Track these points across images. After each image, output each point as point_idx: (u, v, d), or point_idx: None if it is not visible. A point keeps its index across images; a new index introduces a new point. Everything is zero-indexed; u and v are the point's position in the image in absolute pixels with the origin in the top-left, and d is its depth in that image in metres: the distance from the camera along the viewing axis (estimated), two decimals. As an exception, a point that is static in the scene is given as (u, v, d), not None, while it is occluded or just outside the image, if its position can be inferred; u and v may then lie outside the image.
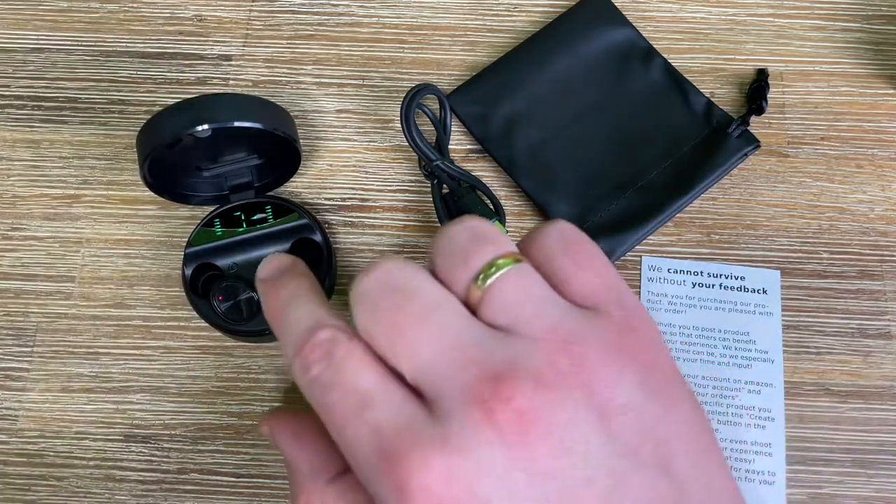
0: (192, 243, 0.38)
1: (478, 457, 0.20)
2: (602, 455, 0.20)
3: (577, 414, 0.20)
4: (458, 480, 0.19)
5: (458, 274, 0.22)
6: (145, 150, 0.35)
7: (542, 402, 0.20)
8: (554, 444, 0.20)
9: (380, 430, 0.20)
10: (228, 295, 0.37)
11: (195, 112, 0.34)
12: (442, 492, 0.19)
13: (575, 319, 0.22)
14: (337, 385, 0.22)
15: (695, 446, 0.22)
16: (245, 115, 0.35)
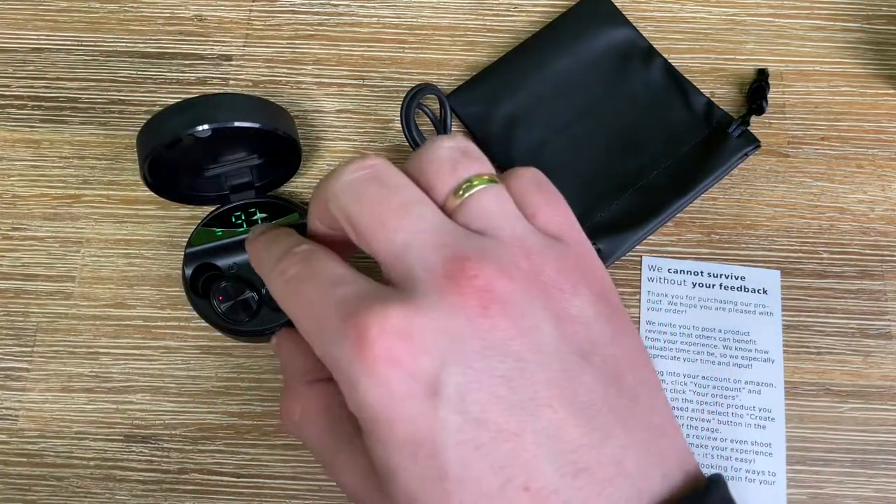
0: (192, 243, 0.38)
1: (436, 318, 0.21)
2: (556, 348, 0.22)
3: (535, 308, 0.22)
4: (415, 335, 0.20)
5: (441, 181, 0.24)
6: (145, 150, 0.35)
7: (504, 287, 0.21)
8: (512, 325, 0.21)
9: (346, 298, 0.22)
10: (228, 295, 0.37)
11: (195, 112, 0.34)
12: (398, 344, 0.20)
13: (539, 238, 0.24)
14: (312, 276, 0.23)
15: (641, 371, 0.23)
16: (245, 114, 0.35)
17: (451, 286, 0.21)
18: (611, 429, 0.21)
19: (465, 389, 0.20)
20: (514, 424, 0.20)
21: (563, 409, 0.21)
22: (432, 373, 0.20)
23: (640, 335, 0.39)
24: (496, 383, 0.20)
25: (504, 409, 0.20)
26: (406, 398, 0.20)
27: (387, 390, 0.20)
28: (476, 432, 0.20)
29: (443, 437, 0.20)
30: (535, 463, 0.20)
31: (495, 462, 0.20)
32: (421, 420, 0.20)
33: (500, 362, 0.21)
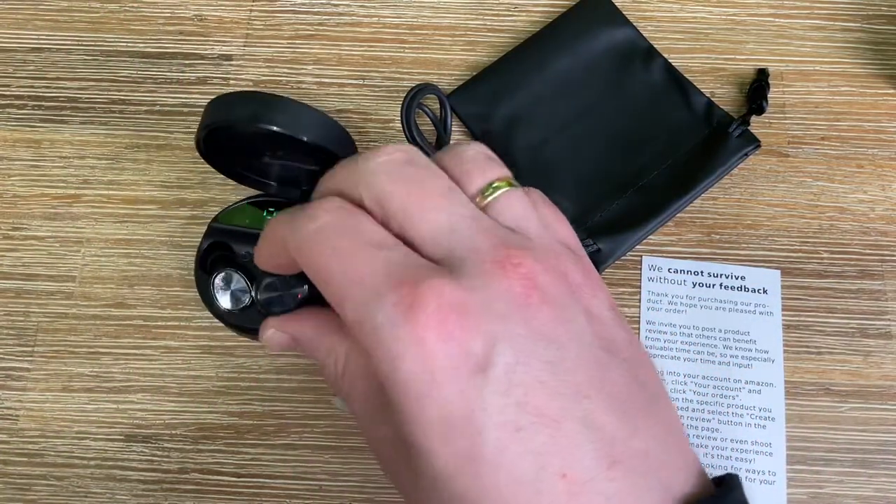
0: (219, 219, 0.38)
1: (487, 299, 0.21)
2: (590, 342, 0.22)
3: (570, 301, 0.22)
4: (470, 312, 0.20)
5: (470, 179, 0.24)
6: (212, 118, 0.35)
7: (544, 278, 0.22)
8: (553, 314, 0.21)
9: (392, 263, 0.21)
10: (225, 283, 0.37)
11: (279, 115, 0.34)
12: (454, 319, 0.20)
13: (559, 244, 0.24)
14: (349, 229, 0.22)
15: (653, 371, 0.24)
16: (324, 136, 0.35)
17: (499, 270, 0.21)
18: (638, 423, 0.21)
19: (511, 370, 0.20)
20: (554, 411, 0.20)
21: (599, 400, 0.21)
22: (483, 351, 0.20)
23: (641, 336, 0.39)
24: (541, 368, 0.20)
25: (546, 394, 0.20)
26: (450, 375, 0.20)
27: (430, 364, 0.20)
28: (517, 415, 0.20)
29: (483, 417, 0.20)
30: (573, 451, 0.20)
31: (533, 447, 0.20)
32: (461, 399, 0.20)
33: (545, 348, 0.21)
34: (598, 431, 0.20)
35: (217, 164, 0.39)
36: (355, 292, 0.21)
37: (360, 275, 0.21)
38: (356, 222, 0.23)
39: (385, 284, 0.21)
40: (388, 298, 0.20)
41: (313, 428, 0.38)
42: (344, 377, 0.25)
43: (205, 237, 0.38)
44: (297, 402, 0.38)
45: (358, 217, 0.23)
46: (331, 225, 0.23)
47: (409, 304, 0.20)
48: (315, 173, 0.40)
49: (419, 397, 0.20)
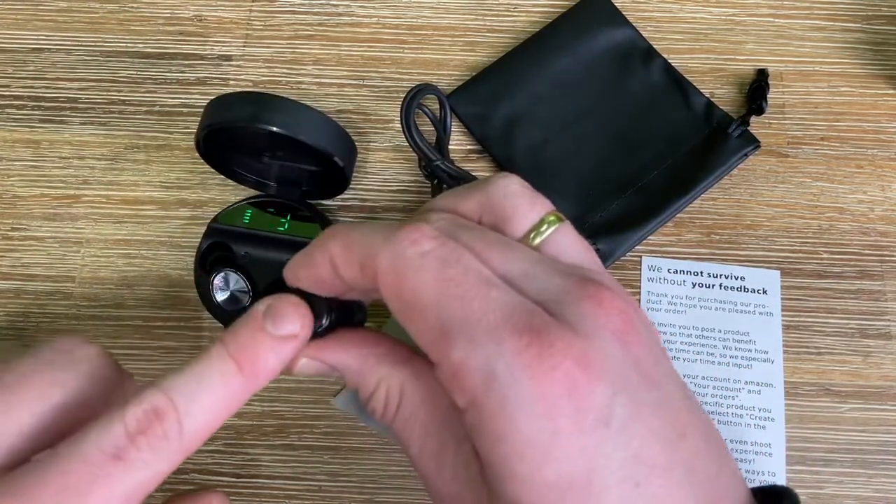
0: (218, 219, 0.39)
1: (604, 346, 0.19)
2: (674, 378, 0.21)
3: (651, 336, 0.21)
4: (594, 364, 0.19)
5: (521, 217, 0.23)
6: (211, 119, 0.35)
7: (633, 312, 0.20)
8: (648, 352, 0.20)
9: (511, 307, 0.20)
10: (226, 282, 0.37)
11: (280, 116, 0.34)
12: (578, 373, 0.19)
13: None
14: (458, 262, 0.21)
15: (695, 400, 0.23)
16: (323, 137, 0.35)
17: (598, 308, 0.20)
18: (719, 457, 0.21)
19: (629, 421, 0.19)
20: (664, 458, 0.19)
21: (692, 440, 0.20)
22: (604, 403, 0.19)
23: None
24: (650, 414, 0.19)
25: (656, 441, 0.19)
26: (573, 431, 0.18)
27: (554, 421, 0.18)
28: (635, 469, 0.19)
29: (603, 475, 0.18)
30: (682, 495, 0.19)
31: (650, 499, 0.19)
32: (582, 457, 0.18)
33: (650, 392, 0.20)
34: (697, 473, 0.20)
35: (217, 165, 0.39)
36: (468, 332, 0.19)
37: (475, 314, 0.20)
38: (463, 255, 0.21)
39: (505, 329, 0.19)
40: (509, 345, 0.19)
41: (313, 428, 0.38)
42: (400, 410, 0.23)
43: (204, 237, 0.38)
44: (296, 403, 0.38)
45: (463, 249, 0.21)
46: (437, 257, 0.21)
47: (537, 354, 0.19)
48: (314, 173, 0.40)
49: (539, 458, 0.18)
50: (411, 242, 0.21)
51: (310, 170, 0.40)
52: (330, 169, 0.38)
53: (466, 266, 0.20)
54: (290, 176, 0.40)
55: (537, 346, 0.19)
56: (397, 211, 0.42)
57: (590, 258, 0.23)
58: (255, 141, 0.38)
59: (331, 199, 0.41)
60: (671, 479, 0.19)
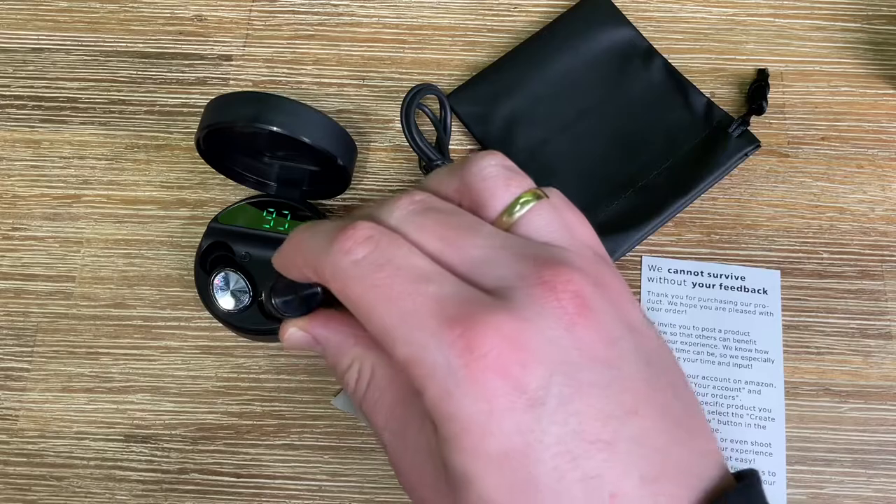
0: (219, 219, 0.39)
1: (543, 328, 0.20)
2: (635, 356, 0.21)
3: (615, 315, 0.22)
4: (527, 346, 0.20)
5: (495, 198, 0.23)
6: (211, 119, 0.35)
7: (592, 294, 0.21)
8: (602, 333, 0.21)
9: (443, 300, 0.21)
10: (224, 283, 0.37)
11: (280, 116, 0.34)
12: (510, 355, 0.20)
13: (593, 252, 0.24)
14: (389, 263, 0.21)
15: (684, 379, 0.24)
16: (323, 137, 0.35)
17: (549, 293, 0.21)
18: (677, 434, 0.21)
19: (567, 400, 0.20)
20: (608, 433, 0.20)
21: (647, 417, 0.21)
22: (541, 383, 0.20)
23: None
24: (594, 392, 0.20)
25: (599, 418, 0.20)
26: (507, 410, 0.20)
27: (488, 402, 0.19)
28: (573, 443, 0.20)
29: (540, 449, 0.20)
30: (625, 470, 0.20)
31: (588, 472, 0.20)
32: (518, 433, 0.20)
33: (598, 372, 0.20)
34: (646, 447, 0.20)
35: (216, 165, 0.39)
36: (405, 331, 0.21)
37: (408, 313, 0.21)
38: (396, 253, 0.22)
39: (438, 323, 0.20)
40: (443, 339, 0.20)
41: (313, 428, 0.38)
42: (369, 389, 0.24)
43: (205, 237, 0.38)
44: (296, 403, 0.38)
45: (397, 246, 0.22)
46: (366, 258, 0.22)
47: (466, 344, 0.20)
48: (315, 174, 0.40)
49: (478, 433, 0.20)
50: (344, 252, 0.22)
51: (310, 170, 0.40)
52: (330, 169, 0.38)
53: (398, 266, 0.21)
54: (290, 176, 0.40)
55: (468, 335, 0.20)
56: (397, 211, 0.42)
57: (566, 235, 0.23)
58: (256, 141, 0.38)
59: (331, 198, 0.41)
60: (614, 453, 0.20)
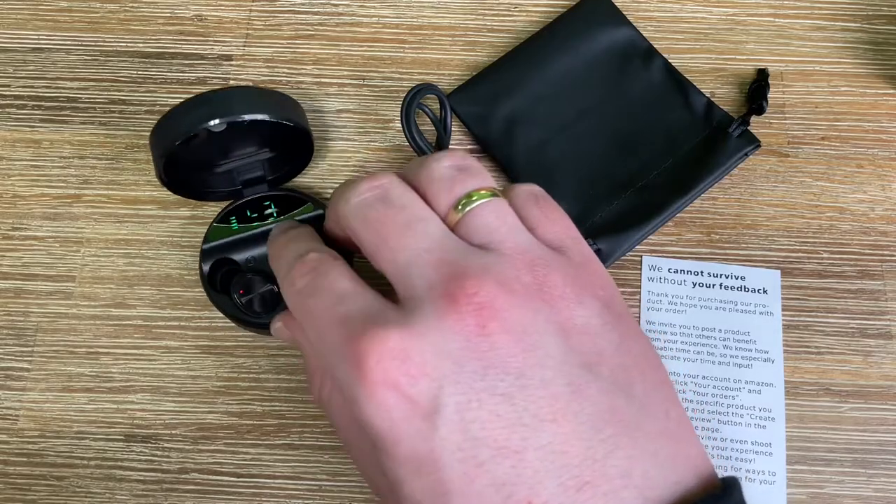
0: (208, 239, 0.38)
1: (435, 341, 0.21)
2: (562, 361, 0.21)
3: (538, 321, 0.22)
4: (413, 359, 0.21)
5: (441, 197, 0.24)
6: (160, 148, 0.35)
7: (505, 302, 0.21)
8: (514, 342, 0.21)
9: (348, 318, 0.22)
10: (249, 288, 0.37)
11: (209, 107, 0.34)
12: (396, 368, 0.21)
13: (542, 249, 0.24)
14: (318, 289, 0.24)
15: (651, 376, 0.23)
16: (259, 107, 0.35)
17: (451, 306, 0.21)
18: (618, 440, 0.21)
19: (464, 409, 0.20)
20: (515, 442, 0.20)
21: (567, 424, 0.21)
22: (431, 394, 0.20)
23: (641, 335, 0.39)
24: (497, 401, 0.20)
25: (505, 426, 0.20)
26: (405, 419, 0.20)
27: (387, 413, 0.21)
28: (476, 450, 0.20)
29: (443, 455, 0.20)
30: (538, 478, 0.20)
31: (496, 479, 0.20)
32: (421, 439, 0.20)
33: (501, 381, 0.21)
34: (565, 456, 0.20)
35: (185, 192, 0.39)
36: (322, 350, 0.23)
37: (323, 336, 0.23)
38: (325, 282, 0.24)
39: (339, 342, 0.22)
40: (342, 354, 0.22)
41: (313, 428, 0.38)
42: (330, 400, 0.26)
43: (203, 262, 0.38)
44: (297, 402, 0.38)
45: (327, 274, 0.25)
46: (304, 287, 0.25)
47: (355, 359, 0.21)
48: (274, 157, 0.40)
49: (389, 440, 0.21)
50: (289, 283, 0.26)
51: (268, 156, 0.40)
52: (286, 136, 0.38)
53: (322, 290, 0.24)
54: (252, 173, 0.40)
55: (358, 351, 0.21)
56: (397, 211, 0.42)
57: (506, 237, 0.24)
58: (207, 148, 0.38)
59: (303, 173, 0.41)
60: (523, 461, 0.20)
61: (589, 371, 0.22)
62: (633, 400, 0.22)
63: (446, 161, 0.25)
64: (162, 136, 0.35)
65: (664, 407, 0.23)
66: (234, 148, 0.39)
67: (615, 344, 0.23)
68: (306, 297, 0.24)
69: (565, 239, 0.25)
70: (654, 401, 0.23)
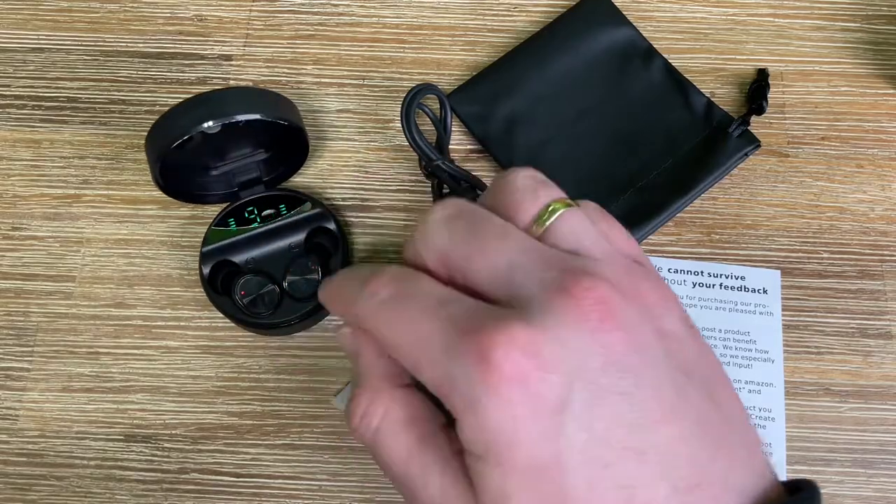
0: (207, 242, 0.38)
1: (560, 335, 0.20)
2: (665, 366, 0.21)
3: (643, 322, 0.22)
4: (544, 353, 0.20)
5: (524, 208, 0.24)
6: (156, 153, 0.35)
7: (619, 301, 0.21)
8: (628, 340, 0.21)
9: (458, 316, 0.21)
10: (250, 289, 0.37)
11: (203, 109, 0.34)
12: (525, 363, 0.20)
13: (627, 259, 0.24)
14: (409, 296, 0.23)
15: (728, 387, 0.23)
16: (253, 107, 0.35)
17: (570, 300, 0.21)
18: (717, 445, 0.21)
19: (590, 406, 0.20)
20: (636, 441, 0.20)
21: (675, 426, 0.20)
22: (559, 391, 0.20)
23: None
24: (618, 400, 0.20)
25: (627, 425, 0.20)
26: (531, 417, 0.19)
27: (510, 411, 0.19)
28: (602, 450, 0.20)
29: (568, 456, 0.19)
30: (655, 480, 0.20)
31: (620, 481, 0.20)
32: (545, 440, 0.19)
33: (621, 378, 0.20)
34: (677, 458, 0.20)
35: (182, 196, 0.39)
36: (427, 354, 0.21)
37: (427, 339, 0.21)
38: (415, 287, 0.23)
39: (453, 340, 0.21)
40: (458, 352, 0.20)
41: (313, 428, 0.38)
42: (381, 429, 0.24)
43: (203, 263, 0.38)
44: (297, 402, 0.38)
45: (417, 281, 0.23)
46: (390, 296, 0.23)
47: (479, 354, 0.20)
48: (269, 158, 0.40)
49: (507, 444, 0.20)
50: (371, 295, 0.23)
51: (263, 156, 0.40)
52: (281, 136, 0.38)
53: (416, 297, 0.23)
54: (249, 175, 0.40)
55: (482, 346, 0.20)
56: (398, 210, 0.42)
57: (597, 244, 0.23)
58: (203, 151, 0.38)
59: (299, 173, 0.41)
60: (644, 461, 0.20)
61: (686, 375, 0.22)
62: (720, 408, 0.22)
63: (523, 172, 0.25)
64: (156, 141, 0.35)
65: (743, 416, 0.23)
66: (230, 150, 0.39)
67: (698, 353, 0.23)
68: (396, 304, 0.23)
69: (635, 250, 0.25)
70: (734, 411, 0.23)
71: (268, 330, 0.38)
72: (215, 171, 0.40)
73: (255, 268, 0.38)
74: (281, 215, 0.39)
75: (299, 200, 0.39)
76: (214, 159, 0.39)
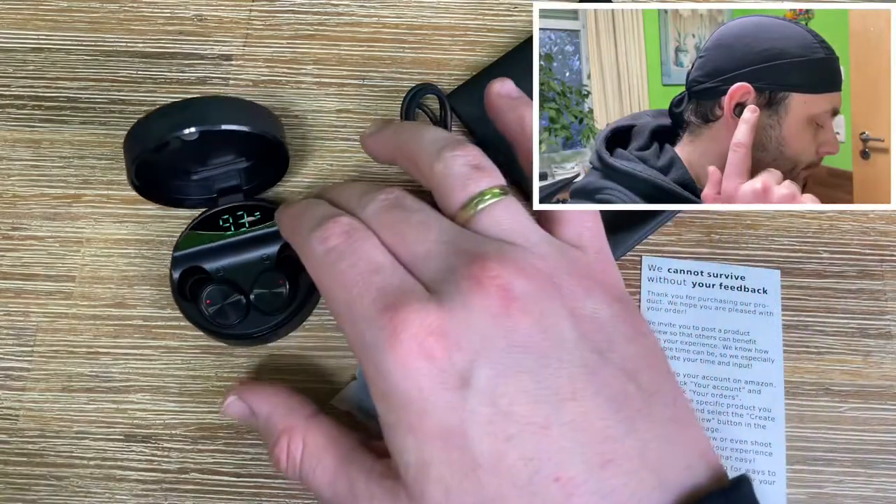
0: (179, 247, 0.38)
1: (466, 318, 0.22)
2: (575, 345, 0.23)
3: (553, 305, 0.23)
4: (449, 334, 0.22)
5: (453, 198, 0.26)
6: (132, 154, 0.35)
7: (523, 286, 0.23)
8: (533, 323, 0.22)
9: (385, 290, 0.23)
10: (216, 298, 0.37)
11: (182, 115, 0.34)
12: (433, 341, 0.22)
13: (553, 245, 0.25)
14: (352, 254, 0.25)
15: (658, 368, 0.24)
16: (232, 117, 0.35)
17: (476, 287, 0.22)
18: (633, 421, 0.22)
19: (494, 383, 0.21)
20: (540, 417, 0.21)
21: (586, 403, 0.21)
22: (463, 367, 0.21)
23: (640, 335, 0.39)
24: (523, 378, 0.21)
25: (531, 402, 0.21)
26: (435, 390, 0.21)
27: (417, 382, 0.21)
28: (505, 424, 0.21)
29: (473, 427, 0.21)
30: (564, 454, 0.21)
31: (525, 453, 0.21)
32: (451, 411, 0.21)
33: (526, 358, 0.22)
34: (587, 433, 0.21)
35: (158, 198, 0.39)
36: (350, 315, 0.24)
37: (353, 302, 0.24)
38: (360, 247, 0.25)
39: (375, 309, 0.23)
40: (375, 322, 0.22)
41: (313, 428, 0.38)
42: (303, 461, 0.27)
43: (173, 269, 0.38)
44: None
45: (363, 240, 0.25)
46: (336, 250, 0.25)
47: (392, 329, 0.22)
48: (248, 169, 0.40)
49: (417, 412, 0.21)
50: (320, 241, 0.26)
51: (243, 164, 0.40)
52: (262, 148, 0.38)
53: (359, 257, 0.25)
54: (228, 182, 0.40)
55: (396, 321, 0.22)
56: (397, 211, 0.42)
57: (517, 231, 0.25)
58: (180, 156, 0.38)
59: (279, 184, 0.41)
60: (547, 435, 0.21)
61: (601, 356, 0.23)
62: (641, 387, 0.23)
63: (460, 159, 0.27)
64: (134, 142, 0.35)
65: (671, 396, 0.24)
66: (210, 156, 0.39)
67: (623, 336, 0.24)
68: (338, 260, 0.25)
69: (584, 235, 0.26)
70: (661, 390, 0.24)
71: (233, 340, 0.38)
72: (195, 176, 0.39)
73: (225, 276, 0.37)
74: (256, 225, 0.38)
75: (269, 211, 0.39)
76: (193, 164, 0.39)
